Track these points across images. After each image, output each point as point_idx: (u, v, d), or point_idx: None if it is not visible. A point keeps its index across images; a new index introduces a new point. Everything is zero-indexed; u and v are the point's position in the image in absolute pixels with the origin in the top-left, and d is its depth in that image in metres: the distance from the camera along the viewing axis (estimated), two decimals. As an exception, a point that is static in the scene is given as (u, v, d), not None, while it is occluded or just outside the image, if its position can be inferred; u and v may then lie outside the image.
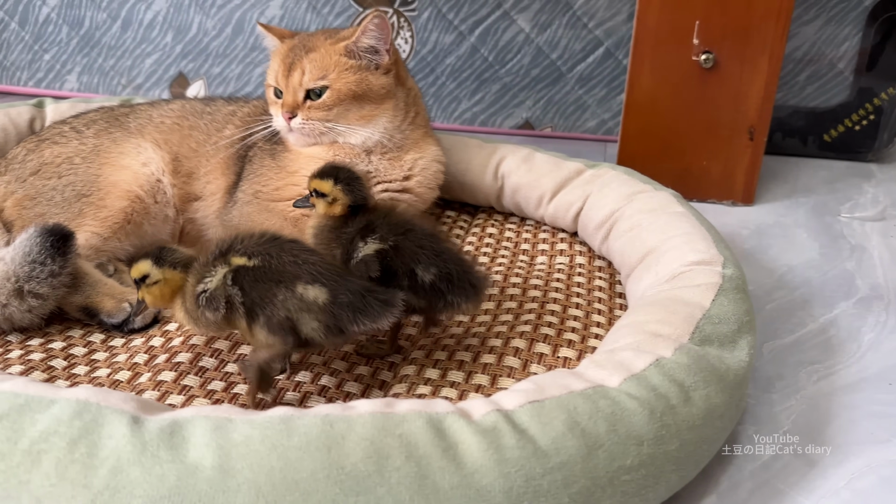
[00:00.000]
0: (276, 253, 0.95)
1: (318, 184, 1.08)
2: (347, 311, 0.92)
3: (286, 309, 0.92)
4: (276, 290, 0.93)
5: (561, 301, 1.24)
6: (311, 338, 0.94)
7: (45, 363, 1.10)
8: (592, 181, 1.44)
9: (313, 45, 1.36)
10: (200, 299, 0.95)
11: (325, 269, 0.95)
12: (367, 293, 0.93)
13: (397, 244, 1.02)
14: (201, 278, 0.96)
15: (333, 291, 0.93)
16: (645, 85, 1.69)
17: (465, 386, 1.04)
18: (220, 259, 0.96)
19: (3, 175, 1.39)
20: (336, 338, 0.95)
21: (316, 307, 0.92)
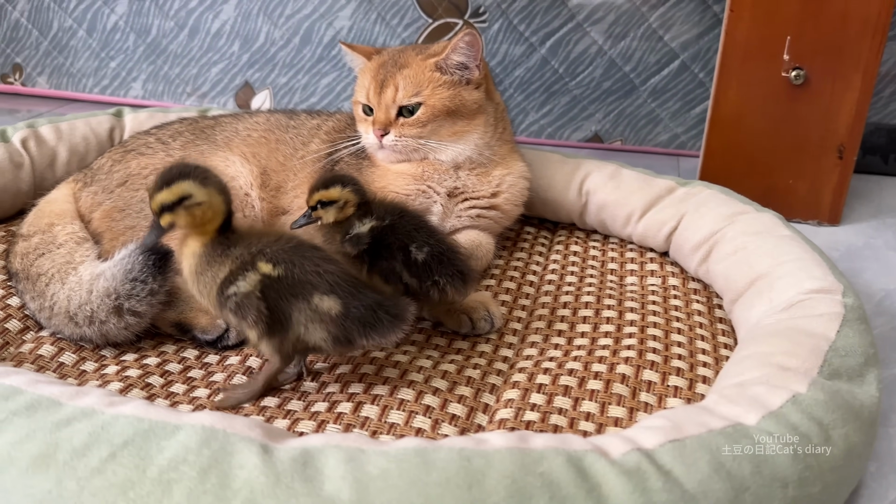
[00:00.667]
0: (298, 261, 0.96)
1: (325, 194, 1.11)
2: (357, 324, 0.95)
3: (298, 328, 0.95)
4: (293, 306, 0.95)
5: (661, 325, 1.20)
6: (318, 346, 0.98)
7: (142, 380, 1.09)
8: (686, 200, 1.40)
9: (405, 62, 1.34)
10: (229, 303, 0.95)
11: (342, 280, 0.96)
12: (378, 308, 0.96)
13: (393, 223, 1.11)
14: (233, 275, 0.95)
15: (346, 304, 0.95)
16: (731, 100, 1.65)
17: (574, 413, 1.01)
18: (249, 262, 0.97)
19: (90, 185, 1.38)
20: (343, 347, 0.98)
21: (328, 318, 0.95)
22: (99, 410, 0.80)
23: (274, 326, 0.96)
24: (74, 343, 1.16)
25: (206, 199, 0.96)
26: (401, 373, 1.08)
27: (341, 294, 0.96)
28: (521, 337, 1.21)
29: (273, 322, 0.96)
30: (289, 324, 0.96)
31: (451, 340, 1.19)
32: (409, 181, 1.35)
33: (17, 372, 0.88)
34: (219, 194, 0.97)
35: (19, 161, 1.51)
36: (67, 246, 1.25)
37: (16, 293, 1.25)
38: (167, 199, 0.94)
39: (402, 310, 0.98)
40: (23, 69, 2.50)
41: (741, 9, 1.58)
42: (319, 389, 1.06)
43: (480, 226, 1.40)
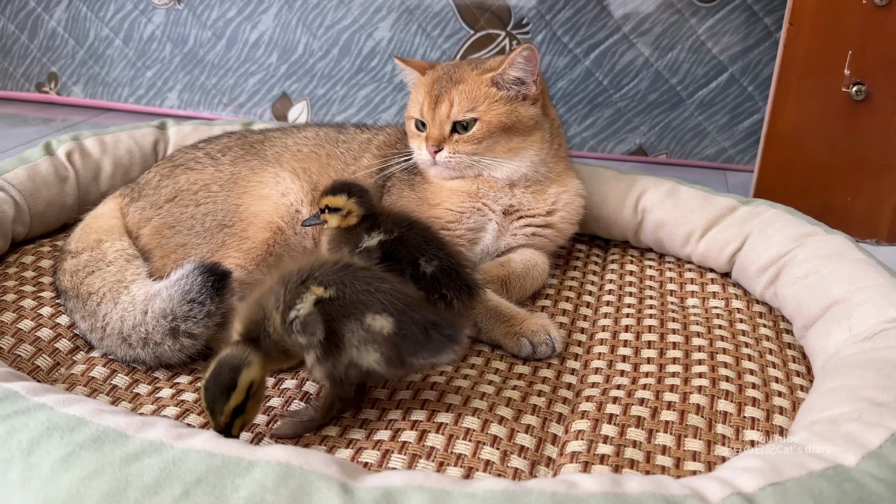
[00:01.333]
0: (349, 281, 0.94)
1: (332, 200, 1.11)
2: (409, 343, 0.92)
3: (351, 351, 0.92)
4: (346, 327, 0.92)
5: (731, 352, 1.16)
6: (372, 370, 0.94)
7: (198, 405, 1.06)
8: (750, 219, 1.35)
9: (461, 77, 1.31)
10: (295, 325, 0.93)
11: (394, 298, 0.94)
12: (432, 327, 0.93)
13: (402, 235, 1.10)
14: (289, 306, 0.93)
15: (399, 322, 0.92)
16: (788, 116, 1.61)
17: (649, 446, 0.97)
18: (301, 287, 0.94)
19: (137, 201, 1.36)
20: (397, 370, 0.95)
21: (380, 338, 0.92)
22: (168, 444, 0.77)
23: (329, 349, 0.93)
24: (127, 365, 1.13)
25: (259, 369, 0.93)
26: (463, 399, 1.05)
27: (394, 312, 0.93)
28: (583, 362, 1.17)
29: (328, 345, 0.93)
30: (342, 346, 0.93)
31: (511, 365, 1.16)
32: (464, 198, 1.32)
33: (79, 400, 0.86)
34: (250, 352, 0.94)
35: (64, 174, 1.49)
36: (117, 263, 1.22)
37: (65, 311, 1.22)
38: (240, 400, 0.90)
39: (455, 330, 0.95)
40: (58, 78, 2.50)
41: (801, 23, 1.53)
42: (381, 417, 1.02)
43: (535, 244, 1.36)
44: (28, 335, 1.16)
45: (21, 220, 1.39)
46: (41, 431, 0.78)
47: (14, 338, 1.15)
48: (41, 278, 1.32)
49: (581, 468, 0.93)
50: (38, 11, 2.41)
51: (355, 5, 2.14)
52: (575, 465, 0.93)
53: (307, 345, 0.94)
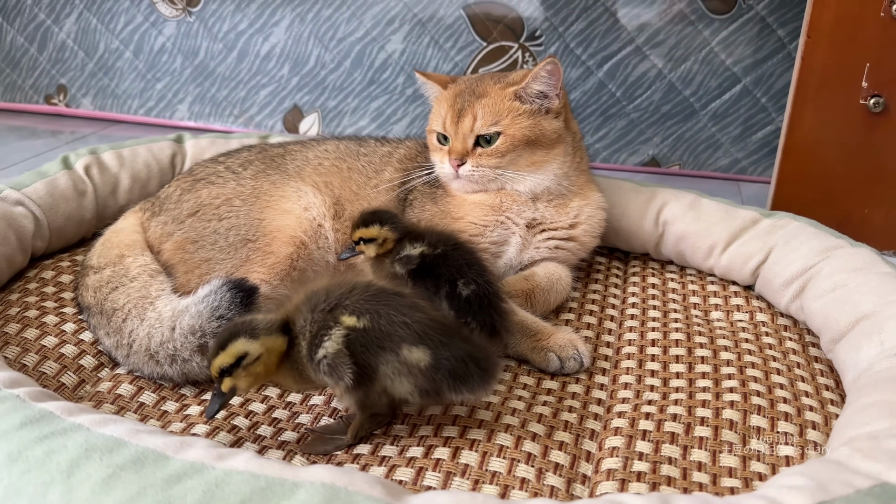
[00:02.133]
0: (384, 311, 0.92)
1: (365, 232, 1.14)
2: (448, 377, 0.91)
3: (384, 380, 0.91)
4: (380, 358, 0.90)
5: (759, 366, 1.15)
6: (404, 399, 0.94)
7: (228, 422, 1.05)
8: (773, 232, 1.35)
9: (483, 91, 1.30)
10: (322, 366, 0.91)
11: (430, 329, 0.92)
12: (469, 360, 0.91)
13: (446, 253, 1.11)
14: (316, 339, 0.91)
15: (436, 355, 0.91)
16: (806, 127, 1.61)
17: (685, 463, 0.96)
18: (329, 316, 0.92)
19: (158, 215, 1.35)
20: (430, 400, 0.95)
21: (416, 370, 0.90)
22: (209, 465, 0.77)
23: (360, 380, 0.92)
24: (153, 381, 1.12)
25: (262, 350, 0.90)
26: (495, 415, 1.04)
27: (431, 345, 0.91)
28: (611, 377, 1.16)
29: (360, 376, 0.91)
30: (374, 376, 0.92)
31: (539, 380, 1.15)
32: (488, 212, 1.31)
33: (114, 420, 0.85)
34: (272, 334, 0.92)
35: (83, 188, 1.49)
36: (141, 279, 1.22)
37: (88, 328, 1.21)
38: (225, 363, 0.89)
39: (492, 364, 0.94)
40: (67, 90, 2.49)
41: (818, 35, 1.54)
42: (412, 433, 1.02)
43: (558, 258, 1.36)
44: (52, 352, 1.15)
45: (41, 234, 1.39)
46: (80, 453, 0.78)
47: (38, 355, 1.14)
48: (62, 294, 1.31)
49: (618, 486, 0.92)
50: (48, 24, 2.41)
51: (367, 18, 2.14)
52: (612, 483, 0.93)
53: (334, 385, 0.93)
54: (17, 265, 1.34)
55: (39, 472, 0.76)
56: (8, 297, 1.27)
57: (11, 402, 0.85)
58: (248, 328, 0.90)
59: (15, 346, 1.15)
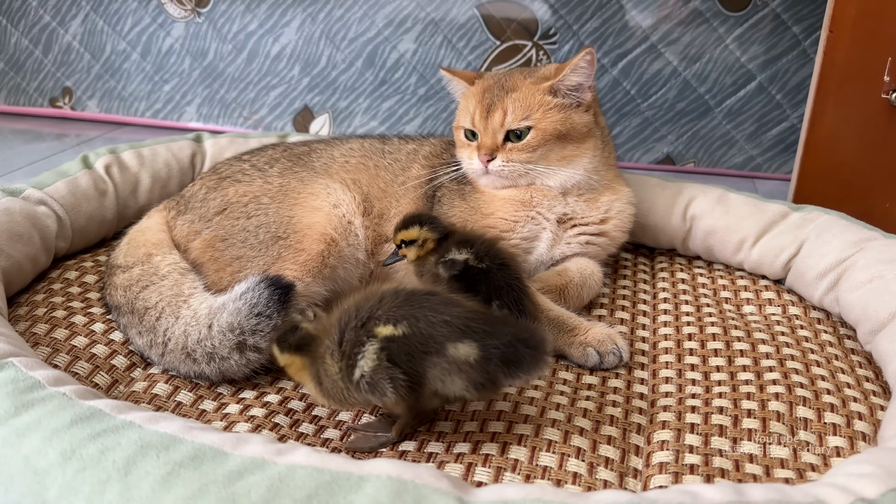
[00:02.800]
0: (420, 314, 0.89)
1: (406, 234, 1.14)
2: (501, 364, 0.88)
3: (434, 383, 0.89)
4: (427, 362, 0.88)
5: (799, 358, 1.15)
6: (460, 396, 0.91)
7: (269, 420, 1.03)
8: (804, 226, 1.35)
9: (513, 85, 1.30)
10: (362, 386, 0.89)
11: (472, 321, 0.89)
12: (518, 342, 0.89)
13: (490, 270, 1.10)
14: (350, 359, 0.89)
15: (484, 345, 0.88)
16: (827, 123, 1.61)
17: (736, 455, 0.95)
18: (361, 331, 0.89)
19: (184, 214, 1.34)
20: (488, 392, 0.92)
21: (466, 366, 0.88)
22: (269, 460, 0.75)
23: (412, 387, 0.89)
24: (189, 381, 1.10)
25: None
26: (539, 410, 1.03)
27: (476, 336, 0.89)
28: (651, 371, 1.15)
29: (411, 383, 0.89)
30: (423, 381, 0.89)
31: (578, 375, 1.14)
32: (518, 207, 1.30)
33: (165, 418, 0.83)
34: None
35: (103, 188, 1.46)
36: (172, 277, 1.20)
37: (117, 327, 1.19)
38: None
39: (540, 340, 0.91)
40: (73, 93, 2.47)
41: (840, 30, 1.54)
42: (456, 429, 1.00)
43: (588, 253, 1.35)
44: (84, 352, 1.13)
45: (63, 234, 1.36)
46: (135, 450, 0.76)
47: (69, 355, 1.12)
48: (88, 294, 1.29)
49: (672, 479, 0.91)
50: (53, 26, 2.39)
51: (380, 17, 2.13)
52: (665, 476, 0.92)
53: (378, 401, 0.91)
54: (40, 265, 1.31)
55: (95, 470, 0.74)
56: (33, 298, 1.25)
57: (59, 399, 0.83)
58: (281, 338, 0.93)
59: (45, 346, 1.12)
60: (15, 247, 1.24)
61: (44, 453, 0.76)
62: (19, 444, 0.77)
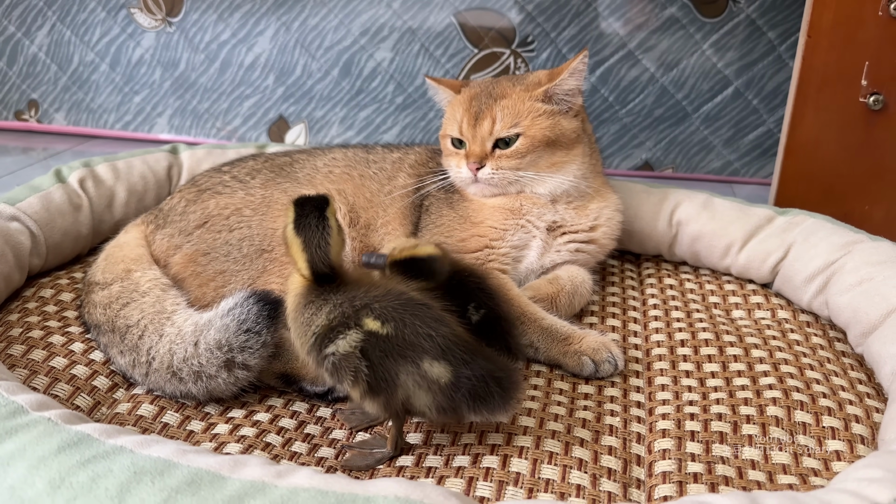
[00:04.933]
0: (409, 320, 0.88)
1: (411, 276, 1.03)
2: (467, 397, 0.87)
3: (406, 389, 0.88)
4: (401, 367, 0.87)
5: (792, 363, 1.14)
6: (422, 412, 0.91)
7: (260, 439, 1.00)
8: (790, 229, 1.35)
9: (501, 92, 1.28)
10: (326, 362, 0.89)
11: (454, 345, 0.88)
12: (491, 379, 0.88)
13: (462, 281, 1.03)
14: (331, 333, 0.88)
15: (457, 373, 0.88)
16: (807, 127, 1.62)
17: (738, 462, 0.95)
18: (352, 316, 0.88)
19: (163, 228, 1.30)
20: (447, 417, 0.91)
21: (436, 386, 0.88)
22: (270, 483, 0.72)
23: (378, 386, 0.88)
24: (175, 401, 1.07)
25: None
26: (538, 422, 1.01)
27: (453, 361, 0.87)
28: (646, 379, 1.14)
29: (377, 381, 0.88)
30: (395, 384, 0.88)
31: (574, 385, 1.13)
32: (508, 216, 1.29)
33: (157, 441, 0.80)
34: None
35: (78, 203, 1.42)
36: (153, 293, 1.16)
37: (97, 347, 1.15)
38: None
39: (513, 383, 0.90)
40: (39, 105, 2.40)
41: (818, 35, 1.56)
42: (454, 441, 0.98)
43: (578, 261, 1.34)
44: (63, 374, 1.09)
45: (37, 251, 1.32)
46: (128, 477, 0.72)
47: (48, 377, 1.07)
48: (64, 312, 1.24)
49: (676, 488, 0.90)
50: (18, 36, 2.32)
51: (356, 26, 2.11)
52: (669, 486, 0.91)
53: (333, 385, 0.90)
54: (14, 284, 1.27)
55: (87, 498, 0.71)
56: (7, 318, 1.20)
57: (44, 425, 0.79)
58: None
59: (23, 368, 1.08)
60: (-13, 265, 1.19)
61: (30, 482, 0.72)
62: (4, 474, 0.74)
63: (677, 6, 1.95)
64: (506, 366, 0.92)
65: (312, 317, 0.90)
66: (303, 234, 0.89)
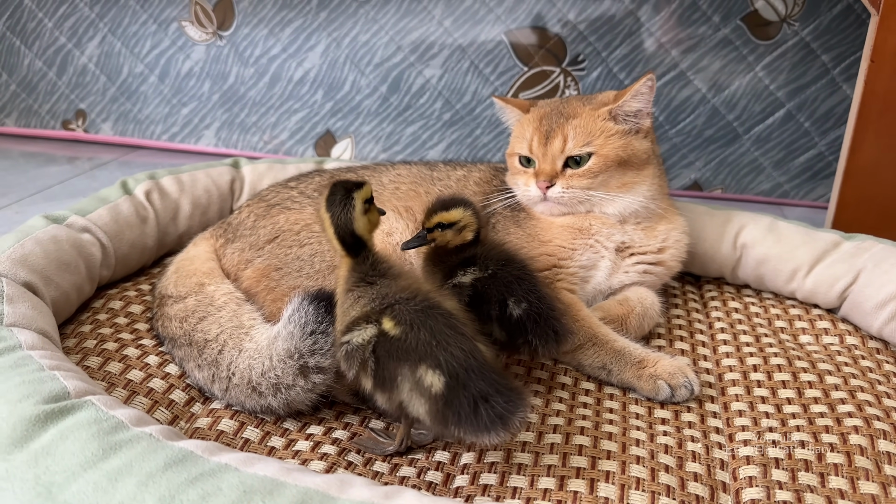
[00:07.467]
0: (420, 326, 0.90)
1: (447, 216, 1.09)
2: (454, 413, 0.86)
3: (403, 391, 0.90)
4: (400, 369, 0.89)
5: (868, 390, 1.14)
6: (420, 419, 0.92)
7: (342, 458, 1.00)
8: (859, 255, 1.34)
9: (573, 112, 1.29)
10: (342, 349, 0.93)
11: (454, 358, 0.88)
12: (484, 402, 0.85)
13: (496, 272, 1.07)
14: (356, 323, 0.93)
15: (450, 386, 0.87)
16: (868, 151, 1.61)
17: (826, 491, 0.94)
18: (377, 312, 0.93)
19: (234, 242, 1.31)
20: (442, 430, 0.91)
21: (427, 394, 0.88)
22: (379, 504, 0.72)
23: (383, 382, 0.91)
24: (254, 416, 1.07)
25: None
26: (620, 447, 1.01)
27: (448, 373, 0.86)
28: (722, 405, 1.13)
29: (382, 377, 0.91)
30: (395, 384, 0.90)
31: (649, 409, 1.12)
32: (576, 235, 1.29)
33: (259, 459, 0.80)
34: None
35: (144, 215, 1.43)
36: (229, 308, 1.16)
37: (172, 360, 1.16)
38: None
39: (509, 411, 0.85)
40: (87, 115, 2.42)
41: (882, 60, 1.55)
42: (537, 462, 0.98)
43: (646, 282, 1.34)
44: (141, 387, 1.09)
45: (107, 263, 1.33)
46: (238, 496, 0.72)
47: (126, 390, 1.08)
48: (136, 325, 1.25)
49: (768, 517, 0.89)
50: (69, 47, 2.35)
51: (406, 43, 2.12)
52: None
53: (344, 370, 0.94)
54: (84, 295, 1.28)
55: (199, 517, 0.71)
56: (80, 329, 1.21)
57: (146, 441, 0.80)
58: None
59: (100, 381, 1.08)
60: (63, 276, 1.20)
61: (140, 499, 0.72)
62: (112, 490, 0.74)
63: (731, 28, 1.95)
64: (508, 392, 0.87)
65: (352, 306, 0.96)
66: (330, 210, 0.97)
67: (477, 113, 2.15)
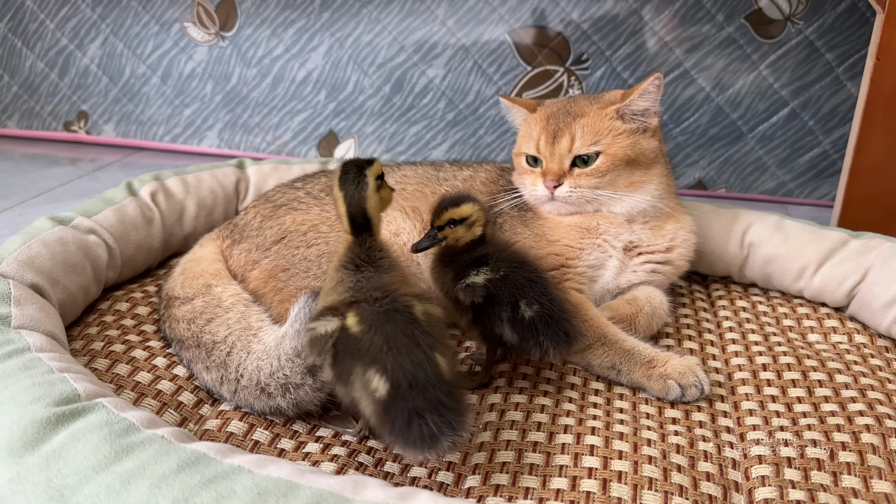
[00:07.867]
0: (379, 328, 0.88)
1: (457, 212, 1.09)
2: (388, 423, 0.84)
3: (353, 390, 0.89)
4: (352, 368, 0.88)
5: (878, 388, 1.13)
6: (369, 420, 0.89)
7: (353, 459, 0.99)
8: (867, 253, 1.34)
9: (580, 111, 1.28)
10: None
11: (404, 366, 0.85)
12: (418, 417, 0.82)
13: (508, 274, 1.07)
14: (332, 310, 0.92)
15: (392, 395, 0.84)
16: (874, 150, 1.61)
17: (839, 490, 0.93)
18: (345, 306, 0.92)
19: (240, 242, 1.30)
20: (384, 434, 0.88)
21: (372, 398, 0.86)
22: (395, 506, 0.72)
23: (341, 375, 0.90)
24: (263, 417, 1.06)
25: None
26: (632, 446, 1.00)
27: (393, 382, 0.84)
28: (732, 404, 1.13)
29: (339, 370, 0.90)
30: (348, 380, 0.89)
31: (660, 409, 1.11)
32: (584, 234, 1.29)
33: (273, 461, 0.79)
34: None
35: (150, 216, 1.42)
36: (236, 309, 1.16)
37: (180, 362, 1.15)
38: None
39: (441, 431, 0.82)
40: (89, 117, 2.42)
41: (888, 57, 1.55)
42: (548, 462, 0.97)
43: (654, 281, 1.33)
44: (149, 389, 1.09)
45: (113, 264, 1.32)
46: (252, 498, 0.72)
47: (135, 392, 1.07)
48: (142, 326, 1.25)
49: (781, 516, 0.89)
50: (71, 49, 2.34)
51: (409, 43, 2.12)
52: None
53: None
54: (91, 297, 1.27)
55: (214, 520, 0.70)
56: (86, 331, 1.21)
57: (158, 443, 0.79)
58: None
59: (109, 383, 1.08)
60: (70, 278, 1.20)
61: (154, 502, 0.72)
62: (126, 493, 0.73)
63: (734, 26, 1.95)
64: (447, 413, 0.84)
65: (334, 288, 0.96)
66: (343, 188, 0.98)
67: (480, 113, 2.14)
